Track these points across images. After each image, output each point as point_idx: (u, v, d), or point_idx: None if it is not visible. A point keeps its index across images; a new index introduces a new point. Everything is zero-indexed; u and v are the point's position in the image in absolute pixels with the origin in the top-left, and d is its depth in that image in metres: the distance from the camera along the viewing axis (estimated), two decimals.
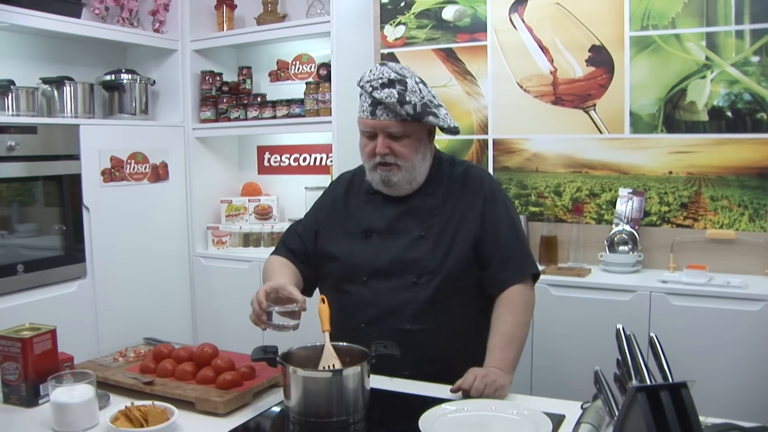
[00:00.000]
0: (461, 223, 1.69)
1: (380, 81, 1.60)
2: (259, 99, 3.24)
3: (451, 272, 1.65)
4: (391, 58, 3.12)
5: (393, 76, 1.61)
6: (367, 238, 1.72)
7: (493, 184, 1.77)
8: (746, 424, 1.15)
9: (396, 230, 1.71)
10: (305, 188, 3.22)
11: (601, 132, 2.74)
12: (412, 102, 1.60)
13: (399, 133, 1.63)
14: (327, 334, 1.46)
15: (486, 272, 1.69)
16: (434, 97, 1.68)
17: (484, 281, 1.69)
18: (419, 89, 1.63)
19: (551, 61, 2.80)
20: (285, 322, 1.51)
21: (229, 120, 3.25)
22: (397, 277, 1.66)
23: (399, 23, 3.11)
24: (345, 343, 1.49)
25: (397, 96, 1.58)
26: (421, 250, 1.67)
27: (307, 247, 1.79)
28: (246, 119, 3.21)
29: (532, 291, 1.71)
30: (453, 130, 1.68)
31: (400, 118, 1.61)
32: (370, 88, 1.61)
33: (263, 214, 3.31)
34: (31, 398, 1.42)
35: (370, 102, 1.63)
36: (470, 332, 1.68)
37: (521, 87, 2.87)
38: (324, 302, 1.53)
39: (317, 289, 1.83)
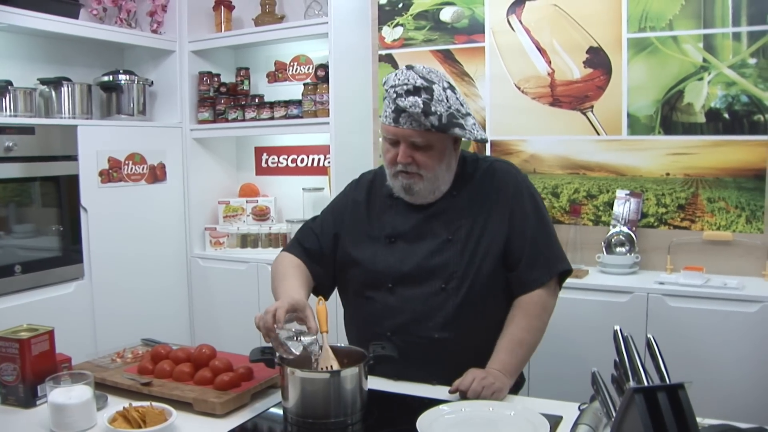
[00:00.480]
0: (489, 222, 1.63)
1: (405, 87, 1.52)
2: (256, 100, 3.24)
3: (480, 276, 1.60)
4: (389, 59, 3.12)
5: (419, 82, 1.52)
6: (391, 244, 1.65)
7: (519, 177, 1.69)
8: (743, 425, 1.15)
9: (421, 234, 1.64)
10: (303, 189, 3.23)
11: (598, 133, 2.75)
12: (438, 113, 1.50)
13: (422, 144, 1.55)
14: (325, 335, 1.46)
15: (514, 272, 1.63)
16: (462, 105, 1.58)
17: (511, 281, 1.63)
18: (446, 97, 1.53)
19: (549, 62, 2.80)
20: (293, 345, 1.42)
21: (227, 121, 3.25)
22: (424, 284, 1.60)
23: (397, 24, 3.11)
24: (343, 344, 1.48)
25: (422, 106, 1.49)
26: (449, 254, 1.60)
27: (323, 248, 1.72)
28: (244, 120, 3.20)
29: (552, 297, 1.65)
30: (480, 142, 1.60)
31: (423, 128, 1.52)
32: (394, 95, 1.53)
33: (261, 215, 3.31)
34: (28, 399, 1.42)
35: (393, 108, 1.54)
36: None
37: (519, 88, 2.87)
38: (322, 303, 1.52)
39: (330, 293, 1.77)
